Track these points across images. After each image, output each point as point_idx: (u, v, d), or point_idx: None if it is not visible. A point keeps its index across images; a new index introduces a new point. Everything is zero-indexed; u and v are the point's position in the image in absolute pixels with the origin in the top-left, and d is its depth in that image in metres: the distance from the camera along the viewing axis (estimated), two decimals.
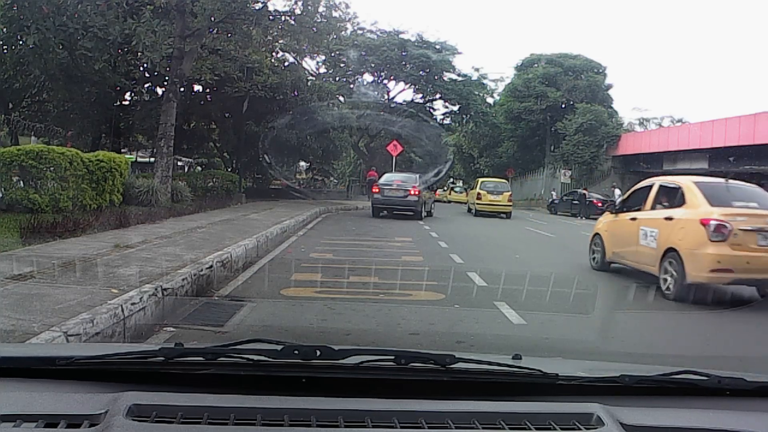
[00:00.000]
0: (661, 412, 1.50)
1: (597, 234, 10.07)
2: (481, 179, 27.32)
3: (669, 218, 8.08)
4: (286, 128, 24.58)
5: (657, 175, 25.34)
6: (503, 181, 29.03)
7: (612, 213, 10.06)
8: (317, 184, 40.05)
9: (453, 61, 38.62)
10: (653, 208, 8.68)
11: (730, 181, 9.00)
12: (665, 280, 7.73)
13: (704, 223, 7.40)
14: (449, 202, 38.49)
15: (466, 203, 30.29)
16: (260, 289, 6.94)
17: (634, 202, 9.40)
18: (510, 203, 25.03)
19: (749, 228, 7.33)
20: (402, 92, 40.02)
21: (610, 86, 42.27)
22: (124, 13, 15.83)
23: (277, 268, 8.63)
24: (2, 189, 11.04)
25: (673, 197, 8.42)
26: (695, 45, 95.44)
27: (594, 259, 10.06)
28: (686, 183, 8.42)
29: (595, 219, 18.24)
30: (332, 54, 32.73)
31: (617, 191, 29.17)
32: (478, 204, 25.03)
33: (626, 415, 1.43)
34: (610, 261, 9.65)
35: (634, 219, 8.92)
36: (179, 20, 16.29)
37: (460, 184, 46.69)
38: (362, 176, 42.23)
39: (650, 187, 9.06)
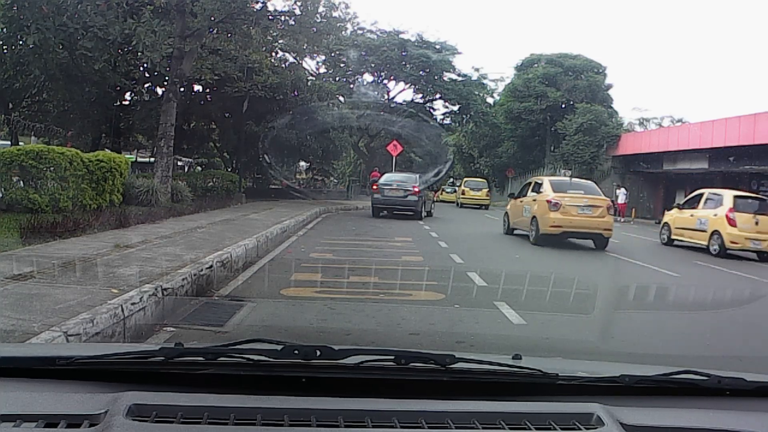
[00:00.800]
0: (661, 412, 1.50)
1: (505, 212, 16.53)
2: (465, 179, 33.60)
3: (534, 200, 14.17)
4: (286, 128, 24.59)
5: (657, 174, 27.02)
6: (483, 180, 36.04)
7: (512, 199, 16.04)
8: (317, 184, 40.06)
9: (453, 61, 38.69)
10: (529, 194, 14.74)
11: (573, 179, 15.95)
12: (531, 233, 13.91)
13: (548, 201, 13.46)
14: (441, 201, 38.59)
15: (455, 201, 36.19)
16: (260, 289, 6.94)
17: (522, 193, 15.45)
18: (487, 197, 33.10)
19: (572, 204, 13.39)
20: (402, 92, 40.10)
21: (610, 86, 42.24)
22: (124, 13, 15.83)
23: (277, 268, 8.63)
24: (2, 189, 11.04)
25: (538, 188, 14.54)
26: (695, 45, 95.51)
27: (505, 226, 16.27)
28: (544, 180, 15.16)
29: None
30: (332, 54, 32.76)
31: (621, 190, 29.40)
32: (462, 198, 33.05)
33: (626, 415, 1.43)
34: (512, 228, 15.67)
35: (521, 202, 15.04)
36: (179, 20, 16.29)
37: (450, 183, 47.03)
38: (362, 176, 42.24)
39: (529, 183, 15.45)
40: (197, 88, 24.86)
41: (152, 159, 24.40)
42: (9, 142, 21.14)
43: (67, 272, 5.88)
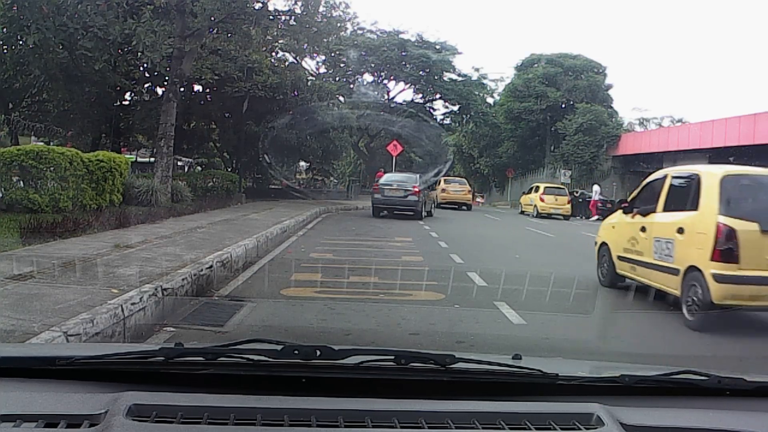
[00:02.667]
0: (661, 412, 1.50)
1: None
2: (444, 178, 31.55)
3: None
4: (286, 128, 24.58)
5: None
6: (463, 179, 34.55)
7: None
8: (317, 184, 40.02)
9: (453, 61, 38.71)
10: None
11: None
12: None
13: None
14: None
15: None
16: (260, 289, 6.94)
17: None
18: (469, 195, 30.94)
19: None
20: (402, 92, 40.12)
21: (610, 86, 42.26)
22: (124, 13, 15.83)
23: (277, 268, 8.63)
24: (2, 189, 11.04)
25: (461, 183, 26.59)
26: (695, 45, 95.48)
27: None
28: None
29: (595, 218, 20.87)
30: (332, 54, 32.75)
31: (596, 187, 29.80)
32: (441, 195, 29.71)
33: (626, 415, 1.43)
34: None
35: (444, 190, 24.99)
36: (179, 20, 16.29)
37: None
38: (362, 176, 42.23)
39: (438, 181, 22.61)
40: (197, 88, 24.87)
41: (152, 159, 24.38)
42: None
43: (67, 272, 5.88)
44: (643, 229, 7.31)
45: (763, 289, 5.81)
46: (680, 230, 6.50)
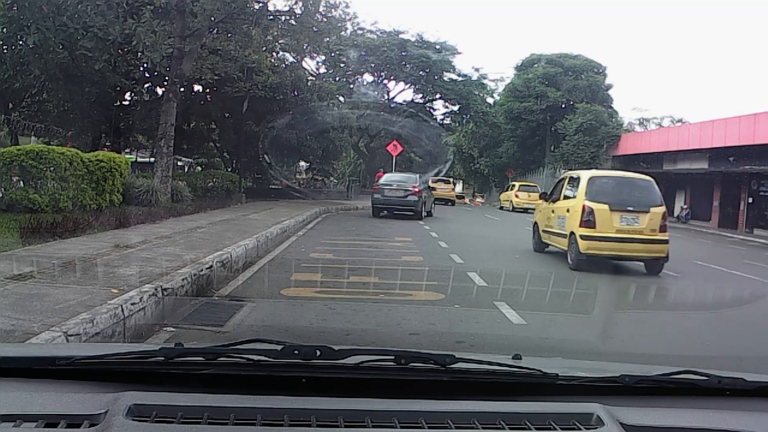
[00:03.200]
0: (661, 412, 1.50)
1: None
2: (433, 177, 34.00)
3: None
4: (286, 128, 24.60)
5: (658, 174, 27.70)
6: (449, 178, 37.64)
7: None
8: (317, 184, 40.04)
9: (453, 61, 38.73)
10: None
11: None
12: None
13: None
14: None
15: None
16: (260, 289, 6.93)
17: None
18: (452, 193, 35.37)
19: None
20: (402, 92, 40.13)
21: (610, 86, 42.21)
22: (124, 13, 15.83)
23: (277, 268, 8.63)
24: (2, 189, 11.04)
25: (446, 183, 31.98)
26: (695, 45, 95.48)
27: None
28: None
29: None
30: (332, 54, 32.75)
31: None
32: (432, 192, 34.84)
33: (626, 415, 1.43)
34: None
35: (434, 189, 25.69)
36: (179, 20, 16.28)
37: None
38: (362, 176, 42.25)
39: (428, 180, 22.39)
40: (197, 88, 24.85)
41: (152, 159, 24.40)
42: None
43: (67, 272, 5.88)
44: (552, 211, 11.30)
45: (610, 244, 9.71)
46: (568, 210, 10.45)
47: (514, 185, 33.96)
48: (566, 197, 10.83)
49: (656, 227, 10.02)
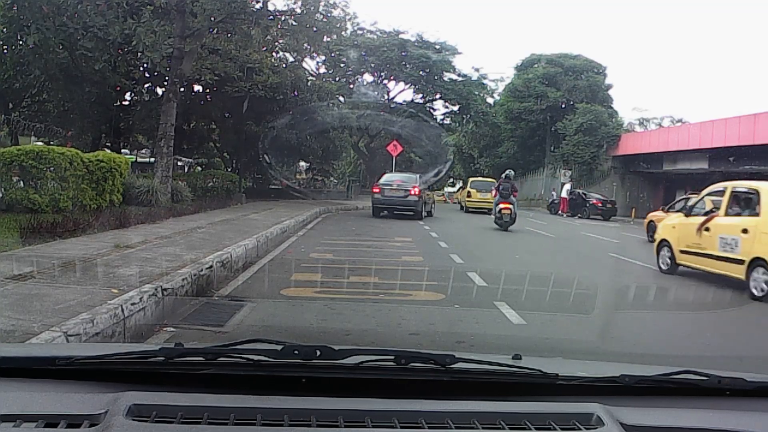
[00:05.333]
0: (661, 412, 1.50)
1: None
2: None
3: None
4: (286, 128, 24.58)
5: (658, 174, 27.32)
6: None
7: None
8: (317, 184, 40.00)
9: (453, 61, 38.74)
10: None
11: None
12: None
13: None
14: None
15: None
16: (260, 289, 6.93)
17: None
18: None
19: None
20: (402, 92, 40.13)
21: (610, 86, 42.24)
22: (124, 13, 15.84)
23: (277, 268, 8.63)
24: (2, 189, 11.04)
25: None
26: (695, 45, 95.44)
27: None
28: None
29: (596, 219, 21.93)
30: (332, 54, 32.78)
31: (566, 186, 31.52)
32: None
33: (626, 415, 1.43)
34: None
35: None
36: (179, 20, 16.28)
37: (450, 183, 47.76)
38: (362, 176, 42.22)
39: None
40: (197, 88, 24.84)
41: (152, 159, 24.38)
42: None
43: (67, 272, 5.88)
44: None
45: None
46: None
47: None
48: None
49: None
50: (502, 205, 17.17)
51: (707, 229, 9.13)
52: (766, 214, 8.14)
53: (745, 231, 8.34)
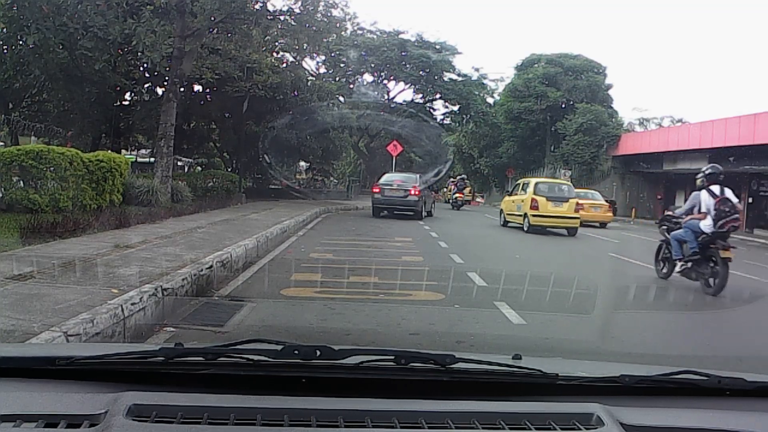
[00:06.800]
0: (661, 412, 1.50)
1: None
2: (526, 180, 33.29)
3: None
4: (286, 128, 24.58)
5: (658, 174, 28.38)
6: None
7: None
8: (317, 184, 39.97)
9: (453, 61, 38.74)
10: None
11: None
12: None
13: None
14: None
15: None
16: (260, 289, 6.93)
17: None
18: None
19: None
20: (402, 92, 40.12)
21: (610, 86, 42.22)
22: (124, 13, 15.84)
23: (277, 268, 8.63)
24: (2, 189, 11.04)
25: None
26: (695, 45, 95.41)
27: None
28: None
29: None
30: (332, 54, 32.78)
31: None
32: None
33: (626, 415, 1.43)
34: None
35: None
36: (179, 20, 16.28)
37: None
38: (362, 176, 42.22)
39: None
40: (197, 88, 24.85)
41: (152, 159, 24.39)
42: None
43: (67, 272, 5.88)
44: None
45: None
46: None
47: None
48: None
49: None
50: (457, 195, 28.63)
51: (513, 201, 18.56)
52: (530, 193, 17.32)
53: (522, 201, 17.68)
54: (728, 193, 8.61)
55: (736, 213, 8.41)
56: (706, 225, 8.37)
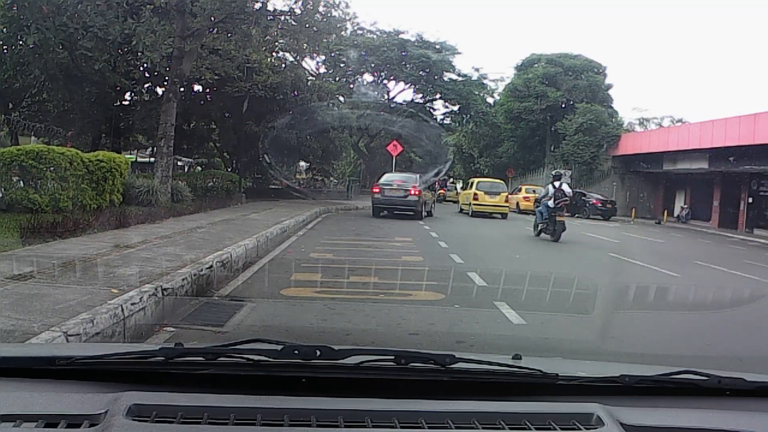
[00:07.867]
0: (661, 412, 1.50)
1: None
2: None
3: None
4: (286, 128, 24.57)
5: (658, 174, 29.39)
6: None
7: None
8: (317, 184, 39.97)
9: (453, 61, 38.71)
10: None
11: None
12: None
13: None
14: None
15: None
16: (260, 289, 6.93)
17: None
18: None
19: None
20: (402, 92, 40.09)
21: (610, 86, 42.25)
22: (124, 13, 15.85)
23: (277, 268, 8.63)
24: (2, 189, 11.04)
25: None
26: (695, 45, 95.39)
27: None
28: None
29: (596, 218, 23.42)
30: (332, 54, 32.74)
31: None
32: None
33: (626, 415, 1.43)
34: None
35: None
36: (179, 20, 16.28)
37: (451, 183, 48.24)
38: (362, 176, 42.20)
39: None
40: (197, 88, 24.84)
41: (152, 159, 24.39)
42: None
43: (67, 272, 5.88)
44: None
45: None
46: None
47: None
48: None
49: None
50: (440, 191, 35.26)
51: (465, 195, 25.66)
52: (472, 188, 24.50)
53: (468, 194, 24.76)
54: (564, 186, 15.01)
55: (566, 197, 14.82)
56: (551, 203, 14.66)
